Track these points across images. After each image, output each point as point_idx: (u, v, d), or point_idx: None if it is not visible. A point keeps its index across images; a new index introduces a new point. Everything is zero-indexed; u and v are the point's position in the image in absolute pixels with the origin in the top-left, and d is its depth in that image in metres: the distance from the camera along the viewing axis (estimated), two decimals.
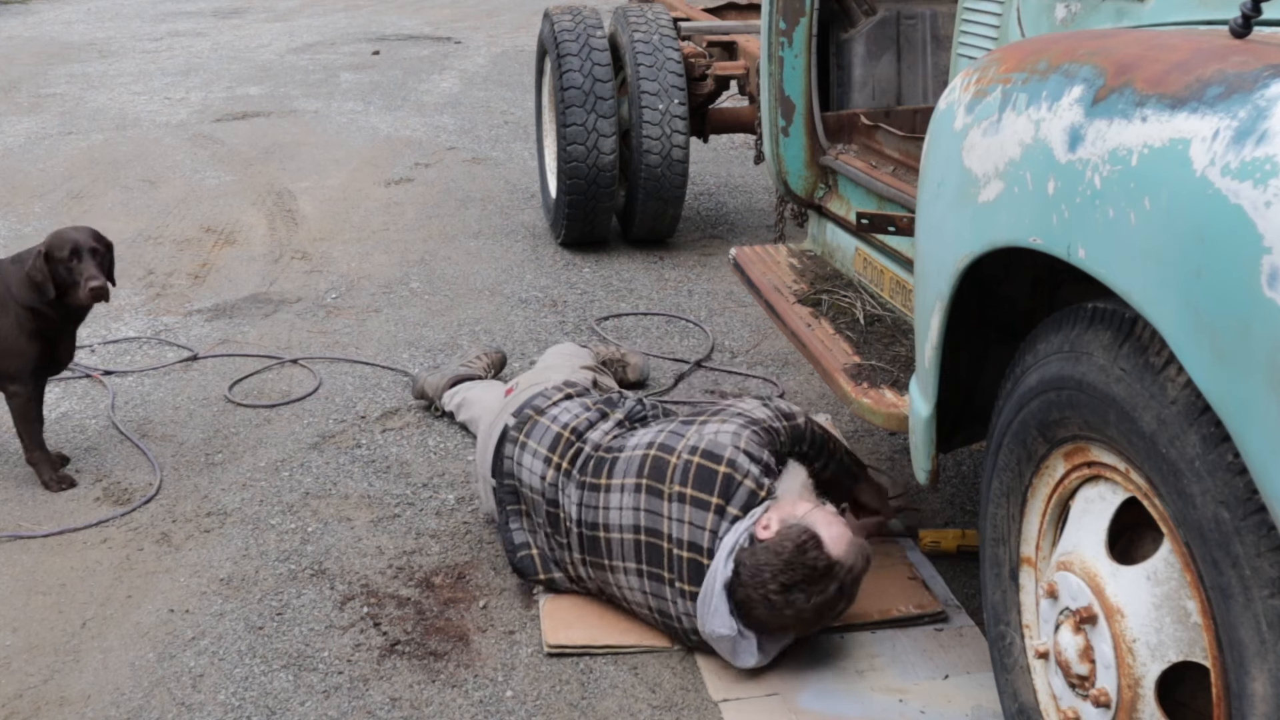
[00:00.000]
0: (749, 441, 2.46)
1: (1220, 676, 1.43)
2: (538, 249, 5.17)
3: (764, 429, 2.52)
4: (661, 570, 2.44)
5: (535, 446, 2.66)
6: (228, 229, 5.49)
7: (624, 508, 2.49)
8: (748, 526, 2.37)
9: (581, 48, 4.80)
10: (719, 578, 2.34)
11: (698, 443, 2.46)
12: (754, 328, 4.28)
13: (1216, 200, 1.27)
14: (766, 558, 2.30)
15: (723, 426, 2.49)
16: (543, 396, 2.78)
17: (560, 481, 2.60)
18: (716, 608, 2.34)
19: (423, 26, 12.20)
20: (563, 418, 2.70)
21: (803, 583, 2.28)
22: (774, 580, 2.28)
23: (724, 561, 2.35)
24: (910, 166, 2.86)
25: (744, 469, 2.41)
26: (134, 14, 13.17)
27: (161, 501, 3.11)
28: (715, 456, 2.43)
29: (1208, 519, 1.38)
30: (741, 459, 2.42)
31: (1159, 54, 1.48)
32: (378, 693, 2.38)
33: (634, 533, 2.47)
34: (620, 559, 2.51)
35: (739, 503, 2.39)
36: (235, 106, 8.21)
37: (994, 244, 1.74)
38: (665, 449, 2.49)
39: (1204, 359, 1.31)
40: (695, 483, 2.41)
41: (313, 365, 3.95)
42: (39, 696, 2.38)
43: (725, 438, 2.46)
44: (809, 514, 2.36)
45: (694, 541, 2.39)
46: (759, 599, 2.29)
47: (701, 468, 2.42)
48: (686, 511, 2.40)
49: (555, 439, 2.65)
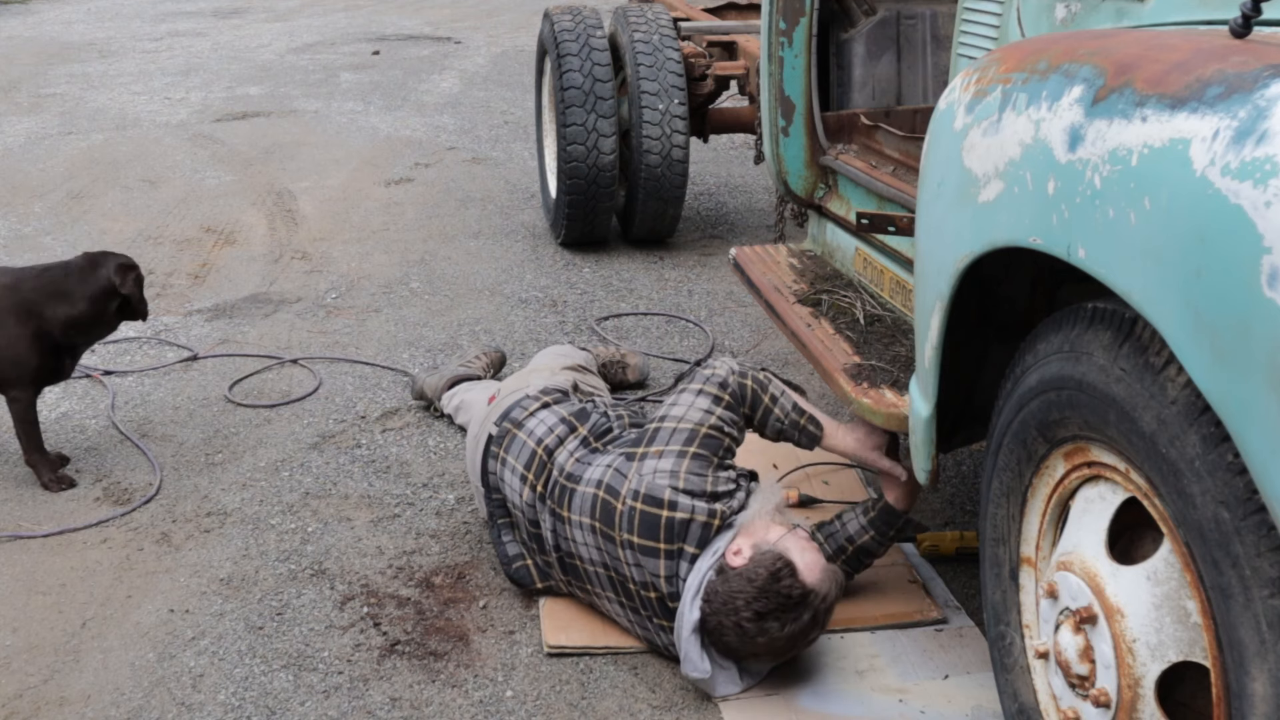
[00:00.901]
0: (688, 475, 2.38)
1: (1220, 676, 1.43)
2: (538, 249, 5.17)
3: (704, 440, 2.43)
4: (638, 607, 2.43)
5: (514, 464, 2.62)
6: (228, 229, 5.49)
7: (587, 544, 2.47)
8: (713, 561, 2.33)
9: (581, 48, 4.80)
10: (686, 622, 2.30)
11: (638, 486, 2.38)
12: (754, 328, 4.28)
13: (1216, 200, 1.27)
14: (739, 585, 2.25)
15: (659, 465, 2.39)
16: (520, 407, 2.72)
17: (537, 505, 2.57)
18: (687, 653, 2.30)
19: (423, 26, 12.20)
20: (538, 431, 2.63)
21: (777, 611, 2.24)
22: (747, 608, 2.23)
23: (690, 604, 2.31)
24: (910, 166, 2.86)
25: (687, 507, 2.35)
26: (134, 14, 13.17)
27: (161, 501, 3.11)
28: (655, 500, 2.36)
29: (1208, 519, 1.38)
30: (682, 499, 2.35)
31: (1159, 54, 1.48)
32: (378, 693, 2.38)
33: (603, 568, 2.46)
34: (599, 588, 2.50)
35: (693, 540, 2.34)
36: (235, 106, 8.21)
37: (994, 244, 1.74)
38: (611, 492, 2.42)
39: (1204, 359, 1.31)
40: (640, 530, 2.36)
41: (313, 365, 3.95)
42: (39, 696, 2.38)
43: (662, 479, 2.37)
44: (782, 540, 2.32)
45: (655, 586, 2.36)
46: (730, 626, 2.25)
47: (645, 514, 2.36)
48: (640, 559, 2.37)
49: (531, 457, 2.60)
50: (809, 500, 3.03)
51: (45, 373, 3.11)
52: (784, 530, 2.35)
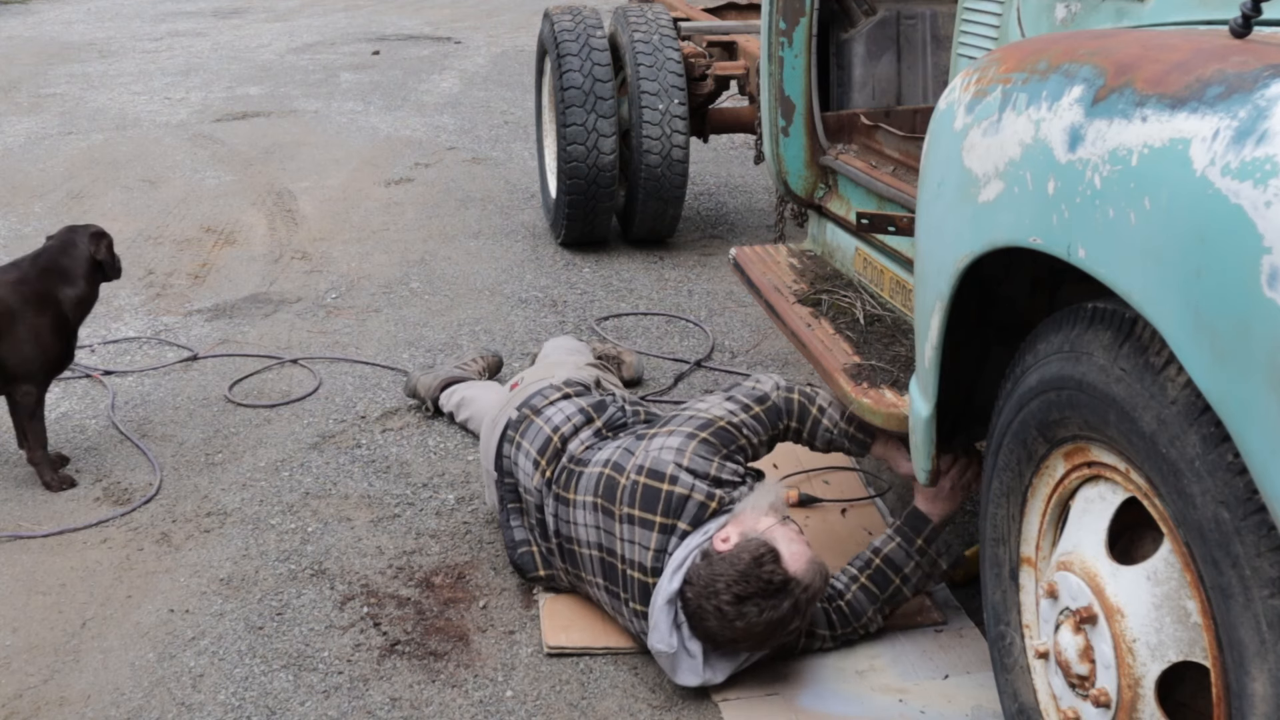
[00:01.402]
0: (694, 455, 2.41)
1: (1220, 676, 1.43)
2: (538, 249, 5.17)
3: (718, 431, 2.46)
4: (618, 589, 2.44)
5: (528, 448, 2.65)
6: (228, 229, 5.49)
7: (587, 524, 2.48)
8: (700, 542, 2.34)
9: (581, 48, 4.80)
10: (662, 593, 2.32)
11: (644, 461, 2.42)
12: (754, 328, 4.28)
13: (1216, 200, 1.27)
14: (722, 568, 2.26)
15: (668, 441, 2.44)
16: (541, 395, 2.76)
17: (544, 490, 2.59)
18: (657, 622, 2.31)
19: (423, 26, 12.19)
20: (555, 419, 2.67)
21: (756, 595, 2.24)
22: (727, 590, 2.24)
23: (669, 576, 2.32)
24: (910, 166, 2.86)
25: (687, 484, 2.37)
26: (134, 14, 13.17)
27: (161, 501, 3.11)
28: (658, 475, 2.39)
29: (1208, 519, 1.38)
30: (684, 475, 2.38)
31: (1159, 54, 1.47)
32: (378, 693, 2.38)
33: (597, 549, 2.47)
34: (590, 573, 2.51)
35: (688, 517, 2.36)
36: (235, 106, 8.21)
37: (994, 244, 1.74)
38: (617, 468, 2.45)
39: (1204, 359, 1.31)
40: (641, 503, 2.38)
41: (313, 365, 3.95)
42: (39, 696, 2.38)
43: (668, 455, 2.41)
44: (770, 529, 2.32)
45: (642, 562, 2.37)
46: (711, 609, 2.26)
47: (647, 488, 2.39)
48: (635, 532, 2.38)
49: (545, 443, 2.63)
50: (809, 500, 3.03)
51: (63, 360, 3.18)
52: (774, 521, 2.35)
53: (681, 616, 2.32)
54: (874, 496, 3.08)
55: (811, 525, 2.93)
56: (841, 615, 2.45)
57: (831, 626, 2.45)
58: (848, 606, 2.45)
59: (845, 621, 2.45)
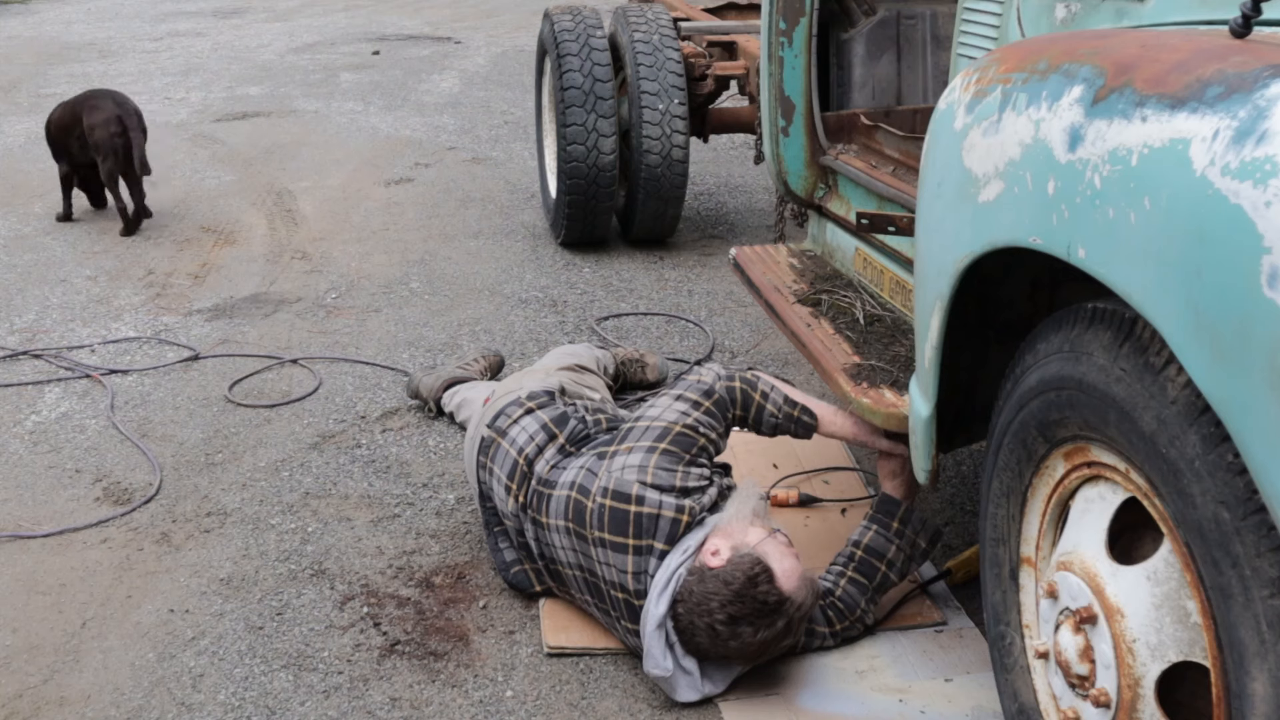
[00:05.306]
0: (656, 469, 2.37)
1: (1220, 676, 1.43)
2: (538, 249, 5.17)
3: (676, 438, 2.42)
4: (607, 608, 2.43)
5: (499, 474, 2.62)
6: (228, 229, 5.49)
7: (564, 547, 2.47)
8: (682, 560, 2.32)
9: (581, 48, 4.80)
10: (651, 618, 2.29)
11: (607, 483, 2.38)
12: (754, 328, 4.28)
13: (1216, 200, 1.27)
14: (715, 586, 2.24)
15: (628, 460, 2.39)
16: (505, 415, 2.71)
17: (520, 515, 2.57)
18: (650, 648, 2.29)
19: (423, 26, 12.19)
20: (519, 440, 2.62)
21: (751, 616, 2.23)
22: (721, 610, 2.22)
23: (655, 599, 2.29)
24: (910, 166, 2.86)
25: (655, 501, 2.34)
26: (134, 14, 13.17)
27: (161, 501, 3.11)
28: (624, 496, 2.36)
29: (1208, 519, 1.38)
30: (650, 494, 2.35)
31: (1159, 54, 1.47)
32: (378, 693, 2.38)
33: (579, 570, 2.46)
34: (580, 592, 2.51)
35: (663, 536, 2.33)
36: (235, 106, 8.21)
37: (994, 244, 1.74)
38: (583, 491, 2.42)
39: (1204, 359, 1.31)
40: (610, 527, 2.35)
41: (313, 365, 3.95)
42: (39, 696, 2.38)
43: (630, 474, 2.37)
44: (762, 544, 2.30)
45: (623, 584, 2.36)
46: (703, 627, 2.24)
47: (614, 510, 2.36)
48: (609, 555, 2.36)
49: (513, 467, 2.59)
50: (809, 500, 3.03)
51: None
52: (764, 533, 2.33)
53: (673, 636, 2.30)
54: (874, 496, 3.08)
55: (811, 525, 2.93)
56: (837, 611, 2.45)
57: (830, 623, 2.45)
58: (840, 602, 2.46)
59: (841, 616, 2.45)
